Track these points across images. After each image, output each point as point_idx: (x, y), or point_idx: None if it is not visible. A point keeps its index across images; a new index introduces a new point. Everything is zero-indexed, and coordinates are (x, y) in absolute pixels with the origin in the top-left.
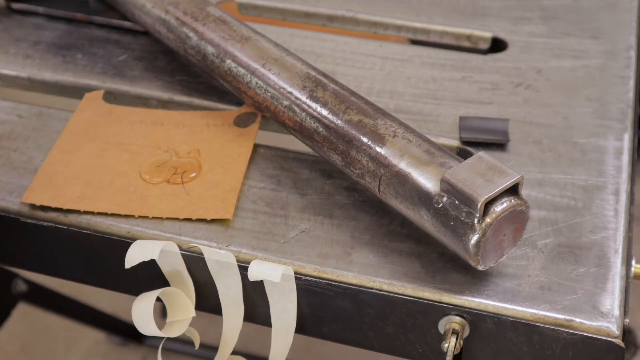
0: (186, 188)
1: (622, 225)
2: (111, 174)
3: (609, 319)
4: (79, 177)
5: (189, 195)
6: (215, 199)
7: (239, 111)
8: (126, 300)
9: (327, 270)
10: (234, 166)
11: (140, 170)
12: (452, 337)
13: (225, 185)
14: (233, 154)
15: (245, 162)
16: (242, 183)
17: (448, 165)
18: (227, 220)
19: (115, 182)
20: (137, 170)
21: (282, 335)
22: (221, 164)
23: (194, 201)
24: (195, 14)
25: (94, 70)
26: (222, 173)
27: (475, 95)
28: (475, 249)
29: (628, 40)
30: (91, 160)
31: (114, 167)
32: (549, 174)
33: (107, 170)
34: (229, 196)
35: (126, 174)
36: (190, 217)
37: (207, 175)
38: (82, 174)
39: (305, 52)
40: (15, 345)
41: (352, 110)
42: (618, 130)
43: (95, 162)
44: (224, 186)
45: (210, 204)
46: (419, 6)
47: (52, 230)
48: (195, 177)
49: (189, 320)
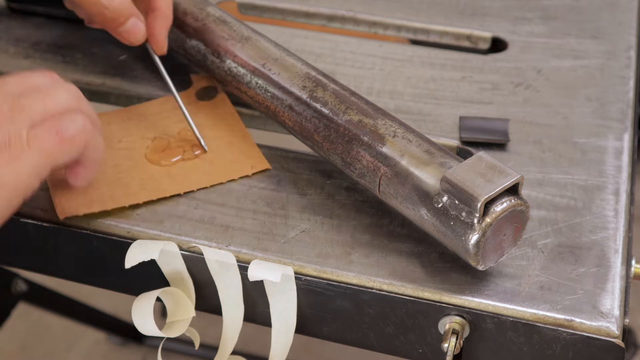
0: (205, 159)
1: (622, 225)
2: (125, 170)
3: (609, 319)
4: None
5: (213, 163)
6: (241, 156)
7: (195, 88)
8: (126, 300)
9: (327, 270)
10: (234, 128)
11: (149, 159)
12: (452, 337)
13: (240, 144)
14: (223, 120)
15: (240, 121)
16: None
17: (448, 165)
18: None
19: (132, 174)
20: (144, 161)
21: (282, 335)
22: (218, 131)
23: (224, 166)
24: (195, 14)
25: (94, 70)
26: (227, 137)
27: (475, 95)
28: (475, 249)
29: (628, 40)
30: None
31: (120, 165)
32: (549, 174)
33: (116, 169)
34: (252, 150)
35: (137, 165)
36: (233, 178)
37: (213, 142)
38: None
39: (305, 52)
40: (15, 345)
41: (352, 110)
42: (618, 130)
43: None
44: (240, 145)
45: (240, 162)
46: (419, 6)
47: (52, 230)
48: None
49: (189, 320)
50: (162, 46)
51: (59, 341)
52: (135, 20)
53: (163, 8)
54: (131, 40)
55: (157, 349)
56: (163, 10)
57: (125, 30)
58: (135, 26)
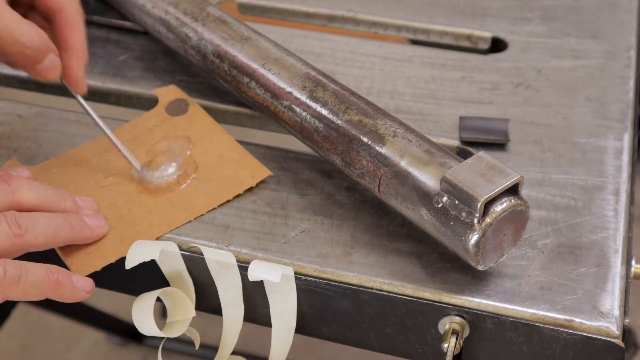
0: (201, 177)
1: (622, 225)
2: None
3: (609, 319)
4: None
5: (212, 181)
6: (238, 167)
7: (163, 104)
8: (126, 300)
9: (327, 270)
10: (219, 139)
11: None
12: (452, 338)
13: (231, 154)
14: (205, 133)
15: (222, 130)
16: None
17: (448, 165)
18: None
19: (133, 210)
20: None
21: (282, 335)
22: (204, 145)
23: (224, 181)
24: (195, 14)
25: (94, 70)
26: (215, 149)
27: (475, 95)
28: (475, 249)
29: (628, 40)
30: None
31: (115, 200)
32: (549, 174)
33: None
34: (246, 159)
35: (134, 200)
36: (238, 193)
37: (203, 158)
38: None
39: (305, 52)
40: (15, 345)
41: (352, 110)
42: (618, 130)
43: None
44: (231, 156)
45: (239, 175)
46: (419, 6)
47: None
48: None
49: (189, 321)
50: (81, 85)
51: (59, 341)
52: (52, 56)
53: (77, 45)
54: (49, 77)
55: (157, 349)
56: (77, 47)
57: (44, 67)
58: (52, 62)
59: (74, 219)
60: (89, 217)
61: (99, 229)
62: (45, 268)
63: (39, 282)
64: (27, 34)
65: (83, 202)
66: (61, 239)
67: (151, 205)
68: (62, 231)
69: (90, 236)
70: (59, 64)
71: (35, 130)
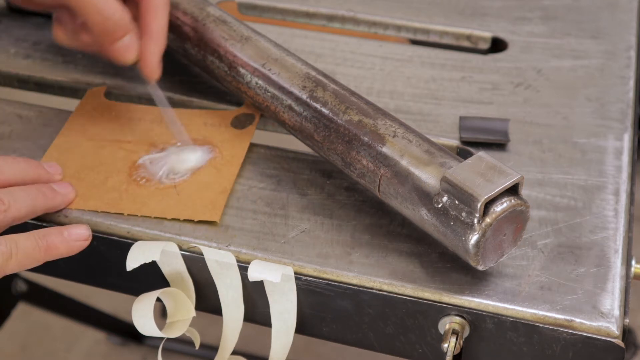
0: (177, 188)
1: (622, 225)
2: (105, 172)
3: (609, 319)
4: (74, 176)
5: (179, 195)
6: (204, 200)
7: (238, 112)
8: (126, 300)
9: (327, 270)
10: (227, 168)
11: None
12: (452, 338)
13: (217, 187)
14: (227, 155)
15: (238, 165)
16: (233, 185)
17: (448, 165)
18: (215, 222)
19: (108, 180)
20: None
21: (282, 335)
22: (214, 165)
23: (184, 201)
24: (195, 14)
25: (94, 70)
26: (214, 174)
27: (475, 95)
28: (475, 249)
29: (628, 40)
30: (87, 158)
31: (108, 165)
32: (549, 174)
33: (101, 169)
34: (218, 198)
35: (120, 171)
36: (178, 218)
37: (199, 175)
38: (77, 172)
39: (305, 52)
40: (15, 345)
41: (352, 110)
42: (618, 130)
43: (90, 160)
44: (215, 187)
45: (199, 205)
46: (419, 6)
47: None
48: (187, 177)
49: (189, 321)
50: (154, 70)
51: (59, 341)
52: (131, 36)
53: (156, 31)
54: (125, 57)
55: (157, 349)
56: (156, 33)
57: (122, 45)
58: (130, 42)
59: (45, 188)
60: (57, 185)
61: (68, 195)
62: (33, 236)
63: (29, 252)
64: (112, 6)
65: (50, 167)
66: (39, 209)
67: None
68: (39, 201)
69: (61, 202)
70: (137, 45)
71: (35, 130)
